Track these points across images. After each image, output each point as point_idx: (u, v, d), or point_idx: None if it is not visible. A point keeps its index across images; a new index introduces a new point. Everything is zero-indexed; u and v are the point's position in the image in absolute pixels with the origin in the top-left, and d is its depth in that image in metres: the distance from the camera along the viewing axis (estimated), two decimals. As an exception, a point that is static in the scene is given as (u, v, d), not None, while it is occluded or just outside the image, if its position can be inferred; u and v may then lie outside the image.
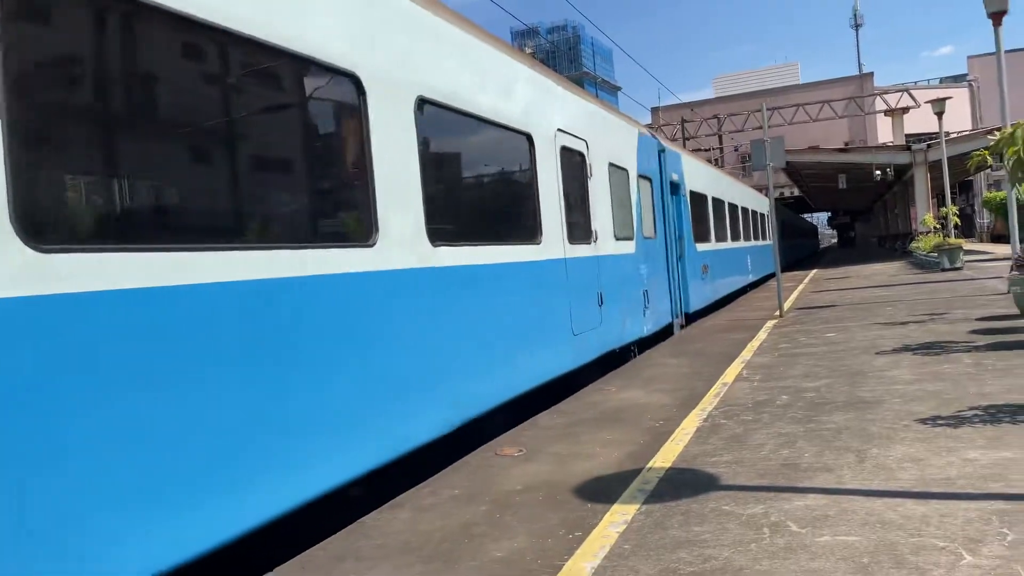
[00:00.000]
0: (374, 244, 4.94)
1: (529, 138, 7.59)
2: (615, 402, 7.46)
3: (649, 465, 5.10)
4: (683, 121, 48.70)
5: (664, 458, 5.23)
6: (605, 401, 7.55)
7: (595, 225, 9.31)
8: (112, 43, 3.51)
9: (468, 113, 6.38)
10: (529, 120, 7.63)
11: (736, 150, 52.33)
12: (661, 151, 13.40)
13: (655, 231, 12.30)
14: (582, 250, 8.77)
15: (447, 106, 6.03)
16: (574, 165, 8.87)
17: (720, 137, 50.50)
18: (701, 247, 15.83)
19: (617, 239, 10.11)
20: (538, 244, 7.61)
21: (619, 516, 4.17)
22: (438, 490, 5.01)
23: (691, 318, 14.42)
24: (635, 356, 10.79)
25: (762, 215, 28.12)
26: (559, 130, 8.41)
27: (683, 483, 4.63)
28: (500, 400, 6.47)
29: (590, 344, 8.74)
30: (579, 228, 8.79)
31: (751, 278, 23.76)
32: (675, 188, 14.04)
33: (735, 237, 20.99)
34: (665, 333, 12.58)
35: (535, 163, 7.70)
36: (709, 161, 31.32)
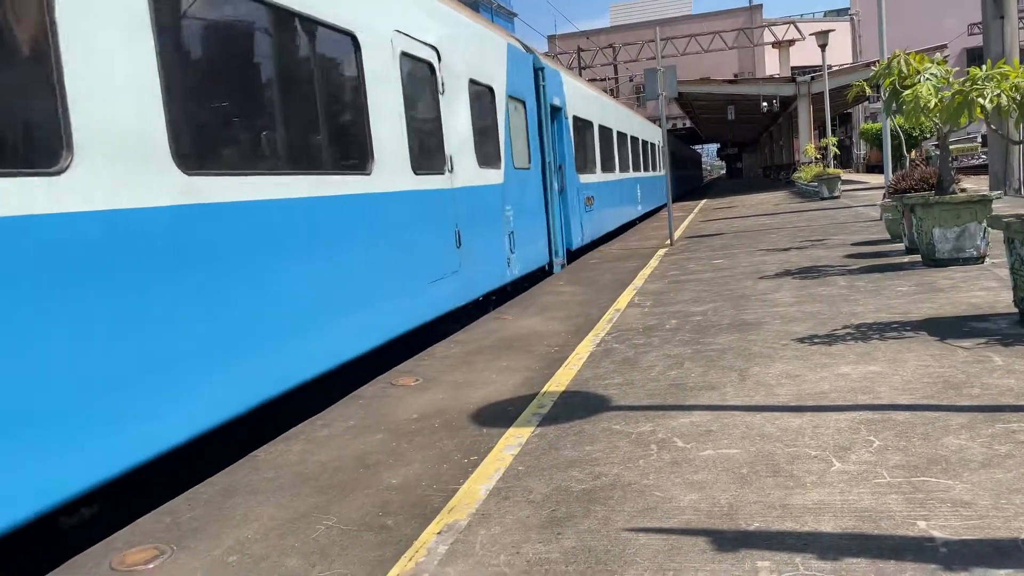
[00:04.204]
0: None
1: (354, 39, 6.17)
2: (512, 330, 7.52)
3: (544, 390, 5.18)
4: (579, 50, 48.52)
5: (558, 382, 5.32)
6: (502, 329, 7.60)
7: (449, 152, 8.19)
8: None
9: None
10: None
11: (631, 80, 52.69)
12: (539, 69, 12.09)
13: (529, 161, 11.32)
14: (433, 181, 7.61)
15: None
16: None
17: (616, 67, 50.66)
18: (585, 178, 15.15)
19: (481, 168, 9.12)
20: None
21: (514, 439, 4.23)
22: (332, 422, 4.94)
23: (575, 254, 14.01)
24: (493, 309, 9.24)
25: (653, 145, 27.77)
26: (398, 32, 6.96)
27: (576, 405, 4.73)
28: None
29: (445, 293, 7.74)
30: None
31: (640, 210, 23.75)
32: (555, 112, 13.16)
33: (624, 168, 20.60)
34: (543, 273, 11.88)
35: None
36: (606, 91, 30.48)
